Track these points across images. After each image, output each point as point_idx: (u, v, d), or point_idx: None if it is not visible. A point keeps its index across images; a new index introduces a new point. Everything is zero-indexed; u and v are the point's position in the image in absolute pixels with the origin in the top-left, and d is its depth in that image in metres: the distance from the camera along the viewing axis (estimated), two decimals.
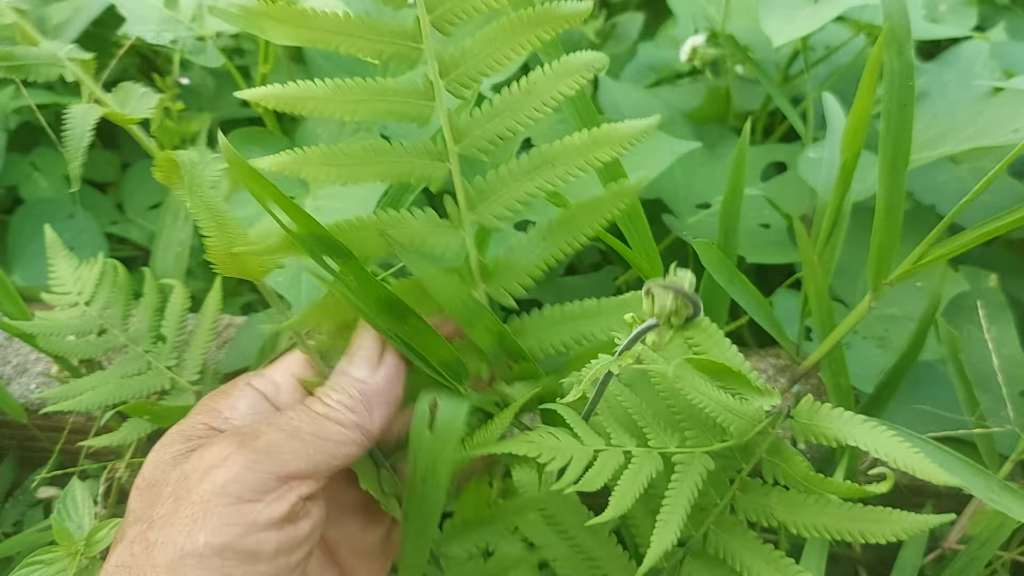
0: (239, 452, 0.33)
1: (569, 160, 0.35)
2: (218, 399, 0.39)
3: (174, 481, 0.33)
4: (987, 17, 0.84)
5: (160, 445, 0.36)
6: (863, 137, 0.47)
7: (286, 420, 0.35)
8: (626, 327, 0.32)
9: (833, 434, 0.33)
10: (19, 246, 0.80)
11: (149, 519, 0.32)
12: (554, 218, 0.37)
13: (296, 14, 0.32)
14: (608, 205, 0.37)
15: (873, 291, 0.46)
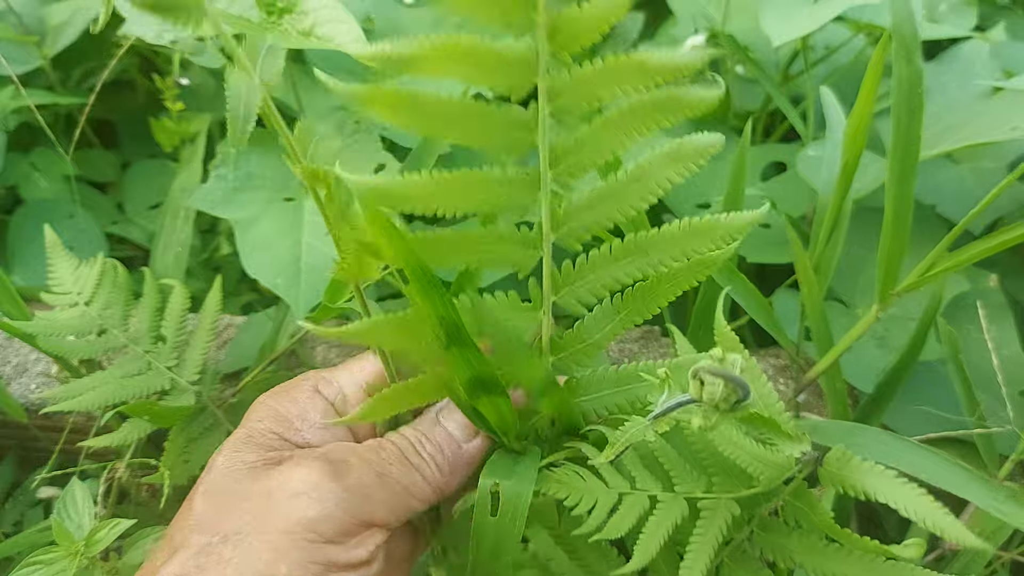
0: (329, 487, 0.32)
1: (664, 250, 0.33)
2: (286, 404, 0.37)
3: (255, 497, 0.32)
4: (987, 17, 0.84)
5: (229, 450, 0.35)
6: (865, 138, 0.47)
7: (377, 459, 0.34)
8: (659, 385, 0.31)
9: (863, 487, 0.32)
10: (19, 246, 0.80)
11: (222, 532, 0.31)
12: (630, 290, 0.35)
13: (408, 98, 0.30)
14: (690, 275, 0.35)
15: (880, 301, 0.45)
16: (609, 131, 0.32)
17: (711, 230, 0.33)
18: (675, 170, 0.33)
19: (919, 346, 0.50)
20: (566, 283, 0.36)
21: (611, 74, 0.30)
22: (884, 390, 0.53)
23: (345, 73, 0.69)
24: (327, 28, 0.56)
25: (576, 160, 0.32)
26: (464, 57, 0.29)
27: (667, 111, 0.31)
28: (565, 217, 0.34)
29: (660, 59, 0.30)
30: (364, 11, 0.73)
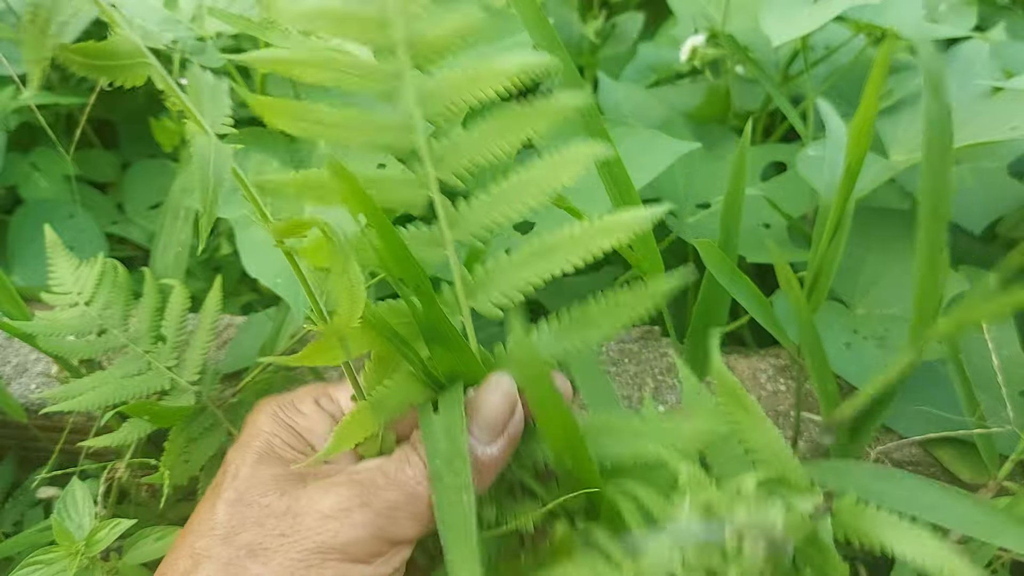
0: (361, 512, 0.32)
1: (571, 250, 0.34)
2: (293, 416, 0.37)
3: (280, 514, 0.32)
4: (987, 17, 0.84)
5: (252, 460, 0.35)
6: (869, 139, 0.47)
7: (405, 478, 0.34)
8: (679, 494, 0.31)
9: (876, 537, 0.32)
10: (19, 246, 0.80)
11: (248, 547, 0.31)
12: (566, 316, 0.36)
13: (296, 108, 0.33)
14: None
15: (912, 343, 0.45)
16: (486, 138, 0.35)
17: (613, 228, 0.34)
18: (566, 174, 0.34)
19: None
20: (479, 287, 0.36)
21: (472, 79, 0.34)
22: (885, 390, 0.53)
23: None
24: None
25: (459, 162, 0.35)
26: (340, 67, 0.33)
27: (537, 119, 0.34)
28: (464, 216, 0.35)
29: (509, 62, 0.33)
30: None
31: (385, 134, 0.34)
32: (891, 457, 0.59)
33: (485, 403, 0.35)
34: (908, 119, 0.70)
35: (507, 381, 0.35)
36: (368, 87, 0.34)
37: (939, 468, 0.59)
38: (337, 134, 0.34)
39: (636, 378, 0.64)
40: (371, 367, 0.36)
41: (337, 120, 0.34)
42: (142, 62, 0.30)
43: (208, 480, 0.58)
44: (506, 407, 0.35)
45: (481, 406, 0.35)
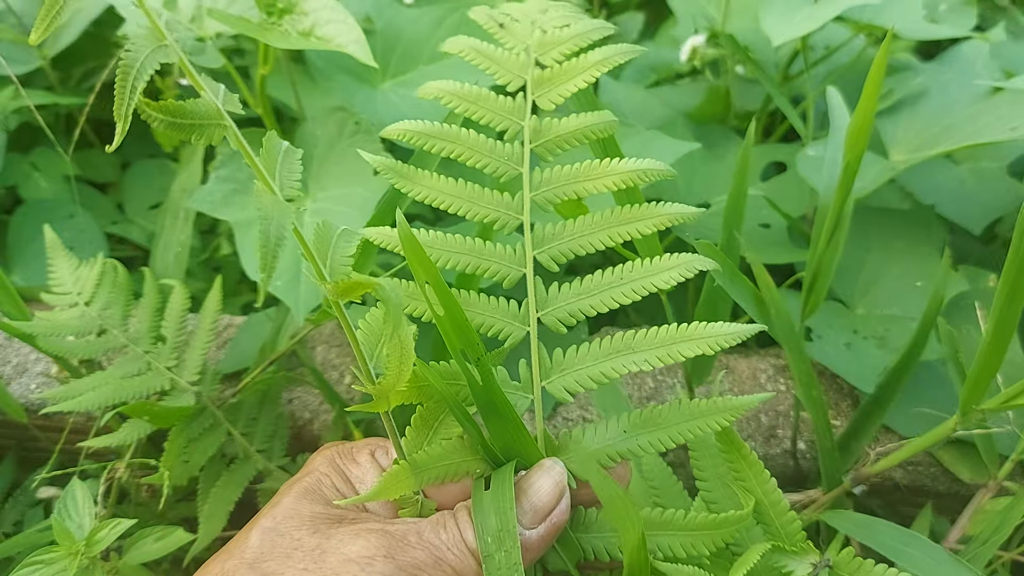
0: (384, 563, 0.32)
1: (653, 351, 0.35)
2: (348, 464, 0.38)
3: (308, 549, 0.33)
4: (987, 17, 0.84)
5: (296, 493, 0.36)
6: (867, 138, 0.47)
7: (437, 542, 0.34)
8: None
9: None
10: (19, 246, 0.80)
11: (272, 575, 0.32)
12: (636, 414, 0.37)
13: (426, 177, 0.38)
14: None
15: (963, 415, 0.45)
16: (589, 229, 0.38)
17: (696, 338, 0.35)
18: (662, 278, 0.36)
19: (920, 346, 0.50)
20: (555, 370, 0.37)
21: (586, 175, 0.38)
22: (885, 390, 0.53)
23: (345, 73, 0.69)
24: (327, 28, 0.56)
25: (558, 247, 0.38)
26: (470, 144, 0.38)
27: (641, 221, 0.37)
28: (552, 300, 0.38)
29: (623, 166, 0.37)
30: (363, 11, 0.73)
31: (498, 210, 0.38)
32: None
33: (533, 486, 0.35)
34: (908, 119, 0.70)
35: (559, 469, 0.36)
36: (492, 165, 0.38)
37: (939, 468, 0.59)
38: (456, 203, 0.38)
39: (636, 378, 0.64)
40: (414, 428, 0.37)
41: (460, 191, 0.38)
42: (219, 124, 0.32)
43: (208, 480, 0.58)
44: (554, 494, 0.35)
45: (528, 489, 0.35)
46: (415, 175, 0.38)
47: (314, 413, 0.64)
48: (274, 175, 0.33)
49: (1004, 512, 0.50)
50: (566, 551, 0.37)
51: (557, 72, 0.38)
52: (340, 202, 0.62)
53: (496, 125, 0.38)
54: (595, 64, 0.38)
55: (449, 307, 0.32)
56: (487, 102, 0.38)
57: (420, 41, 0.71)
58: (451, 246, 0.38)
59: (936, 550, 0.41)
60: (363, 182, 0.62)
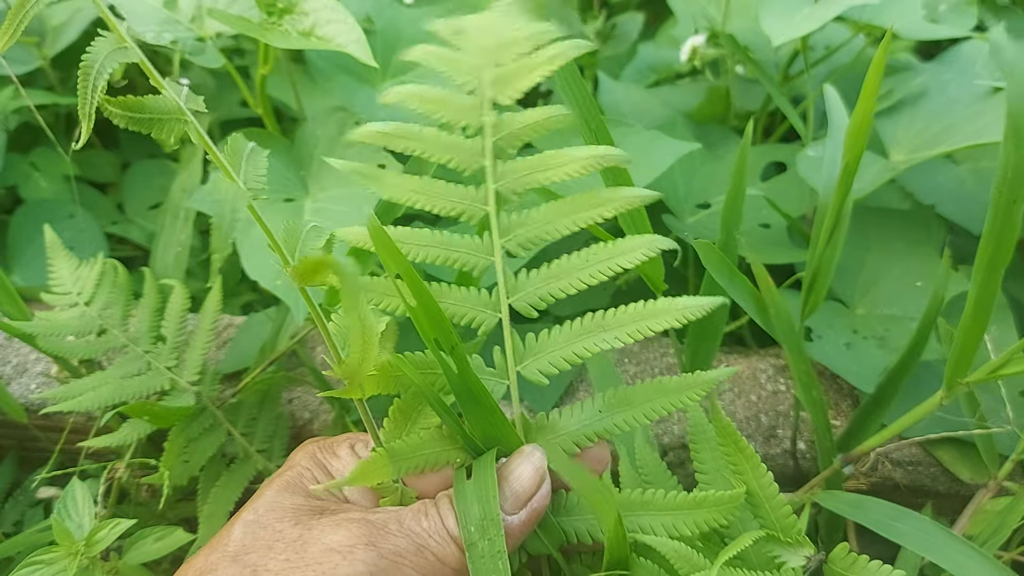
0: (365, 551, 0.32)
1: (622, 327, 0.36)
2: (328, 456, 0.38)
3: (290, 540, 0.33)
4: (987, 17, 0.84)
5: (277, 487, 0.36)
6: (866, 138, 0.47)
7: (418, 530, 0.34)
8: None
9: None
10: (19, 246, 0.80)
11: (253, 566, 0.32)
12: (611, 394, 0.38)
13: (396, 177, 0.39)
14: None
15: (948, 389, 0.45)
16: (555, 217, 0.38)
17: (666, 311, 0.36)
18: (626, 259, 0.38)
19: (920, 346, 0.50)
20: (529, 354, 0.38)
21: (546, 164, 0.38)
22: (885, 390, 0.53)
23: (345, 73, 0.69)
24: (327, 28, 0.56)
25: (525, 234, 0.39)
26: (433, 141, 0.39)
27: (604, 205, 0.38)
28: (522, 285, 0.38)
29: (581, 153, 0.38)
30: (364, 11, 0.73)
31: (463, 203, 0.39)
32: (891, 457, 0.59)
33: (513, 473, 0.35)
34: (908, 119, 0.70)
35: (539, 455, 0.36)
36: (454, 160, 0.39)
37: (939, 468, 0.59)
38: (423, 199, 0.39)
39: (636, 378, 0.64)
40: (392, 419, 0.37)
41: (425, 188, 0.39)
42: (180, 119, 0.33)
43: (208, 480, 0.58)
44: (535, 480, 0.35)
45: (510, 475, 0.35)
46: (380, 176, 0.39)
47: (314, 413, 0.64)
48: (238, 170, 0.34)
49: (1004, 512, 0.50)
50: (548, 536, 0.37)
51: (513, 69, 0.39)
52: (340, 202, 0.62)
53: (459, 123, 0.40)
54: (550, 59, 0.38)
55: (421, 298, 0.33)
56: (448, 100, 0.39)
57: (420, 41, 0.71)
58: (420, 240, 0.39)
59: (923, 522, 0.41)
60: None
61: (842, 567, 0.34)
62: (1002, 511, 0.51)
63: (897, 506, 0.42)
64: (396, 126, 0.39)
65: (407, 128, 0.39)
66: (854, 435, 0.55)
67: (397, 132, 0.39)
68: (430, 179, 0.39)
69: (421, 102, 0.39)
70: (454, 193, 0.39)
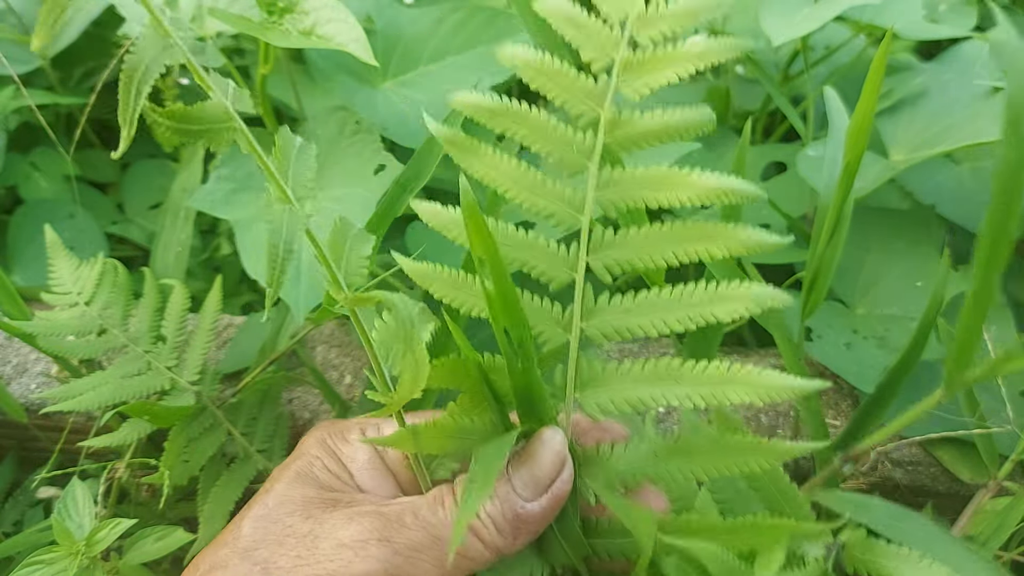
0: (379, 547, 0.31)
1: (697, 388, 0.32)
2: (339, 443, 0.37)
3: (301, 535, 0.32)
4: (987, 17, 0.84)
5: (288, 479, 0.35)
6: (866, 137, 0.47)
7: (434, 520, 0.33)
8: None
9: (888, 572, 0.32)
10: (19, 246, 0.80)
11: (263, 563, 0.31)
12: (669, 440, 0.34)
13: (489, 156, 0.35)
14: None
15: (947, 387, 0.44)
16: (654, 241, 0.33)
17: (746, 382, 0.32)
18: (722, 309, 0.32)
19: (921, 346, 0.50)
20: (590, 383, 0.35)
21: (659, 180, 0.33)
22: (885, 390, 0.53)
23: (346, 73, 0.69)
24: (328, 28, 0.56)
25: (615, 256, 0.34)
26: (538, 126, 0.34)
27: (713, 241, 0.32)
28: (599, 311, 0.35)
29: (707, 180, 0.33)
30: (364, 11, 0.73)
31: (556, 204, 0.35)
32: (891, 457, 0.59)
33: (532, 457, 0.34)
34: (908, 119, 0.70)
35: (559, 438, 0.34)
36: (557, 153, 0.34)
37: (939, 468, 0.59)
38: (515, 189, 0.34)
39: None
40: (460, 405, 0.35)
41: (521, 177, 0.34)
42: (229, 126, 0.30)
43: (208, 480, 0.58)
44: (555, 464, 0.34)
45: (528, 460, 0.34)
46: (477, 149, 0.35)
47: (314, 413, 0.64)
48: (287, 176, 0.32)
49: (1004, 512, 0.50)
50: (572, 548, 0.36)
51: (651, 57, 0.33)
52: (341, 202, 0.62)
53: (570, 108, 0.34)
54: (697, 55, 0.32)
55: (501, 285, 0.30)
56: (565, 80, 0.33)
57: (421, 41, 0.71)
58: (503, 236, 0.35)
59: (925, 523, 0.41)
60: (364, 182, 0.62)
61: (860, 551, 0.33)
62: (1002, 511, 0.51)
63: (899, 506, 0.42)
64: (500, 101, 0.34)
65: (512, 106, 0.34)
66: (854, 435, 0.55)
67: (500, 109, 0.34)
68: (530, 168, 0.35)
69: (535, 73, 0.33)
70: (550, 191, 0.35)
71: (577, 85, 0.33)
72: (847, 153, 0.48)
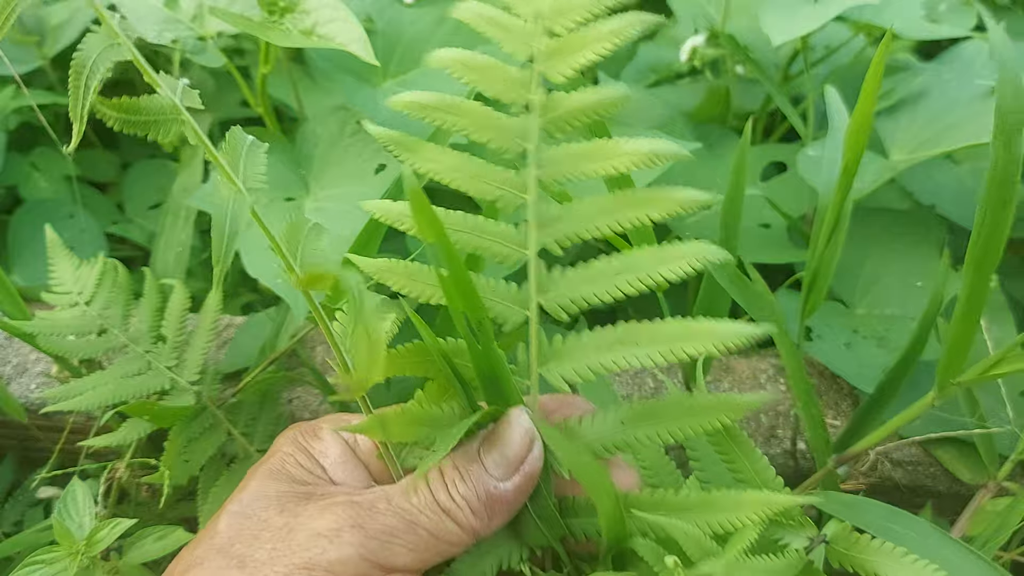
0: (352, 532, 0.32)
1: (656, 346, 0.33)
2: (310, 440, 0.38)
3: (276, 528, 0.33)
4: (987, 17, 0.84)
5: (261, 475, 0.35)
6: (866, 137, 0.47)
7: (407, 504, 0.33)
8: None
9: (872, 568, 0.32)
10: (19, 246, 0.80)
11: (239, 557, 0.32)
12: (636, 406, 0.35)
13: (433, 150, 0.37)
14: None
15: (939, 390, 0.44)
16: (596, 213, 0.35)
17: (703, 335, 0.33)
18: (670, 268, 0.34)
19: (920, 346, 0.50)
20: (553, 356, 0.36)
21: (596, 154, 0.35)
22: (885, 390, 0.53)
23: (345, 72, 0.69)
24: (329, 27, 0.56)
25: (563, 229, 0.36)
26: (477, 117, 0.36)
27: (651, 206, 0.34)
28: (554, 284, 0.36)
29: (638, 146, 0.35)
30: (364, 11, 0.73)
31: (501, 188, 0.36)
32: (891, 457, 0.59)
33: (502, 438, 0.34)
34: (908, 119, 0.70)
35: (526, 417, 0.35)
36: (496, 140, 0.36)
37: (939, 468, 0.59)
38: (460, 179, 0.36)
39: (636, 378, 0.64)
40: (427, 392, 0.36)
41: (463, 166, 0.36)
42: (176, 119, 0.32)
43: (208, 480, 0.58)
44: (524, 443, 0.34)
45: (498, 441, 0.34)
46: (419, 147, 0.37)
47: (314, 413, 0.64)
48: (237, 169, 0.33)
49: (1004, 512, 0.50)
50: (549, 528, 0.36)
51: (568, 42, 0.35)
52: (341, 201, 0.62)
53: (504, 98, 0.36)
54: (610, 33, 0.35)
55: (454, 268, 0.31)
56: (495, 72, 0.36)
57: (421, 41, 0.71)
58: (452, 222, 0.36)
59: (920, 524, 0.41)
60: (364, 181, 0.62)
61: (844, 546, 0.33)
62: (1002, 511, 0.51)
63: (894, 507, 0.42)
64: (437, 96, 0.36)
65: (450, 100, 0.36)
66: (854, 435, 0.55)
67: (437, 103, 0.36)
68: (470, 157, 0.36)
69: (465, 70, 0.36)
70: (494, 176, 0.36)
71: (506, 75, 0.36)
72: (847, 153, 0.48)
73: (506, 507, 0.34)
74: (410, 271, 0.36)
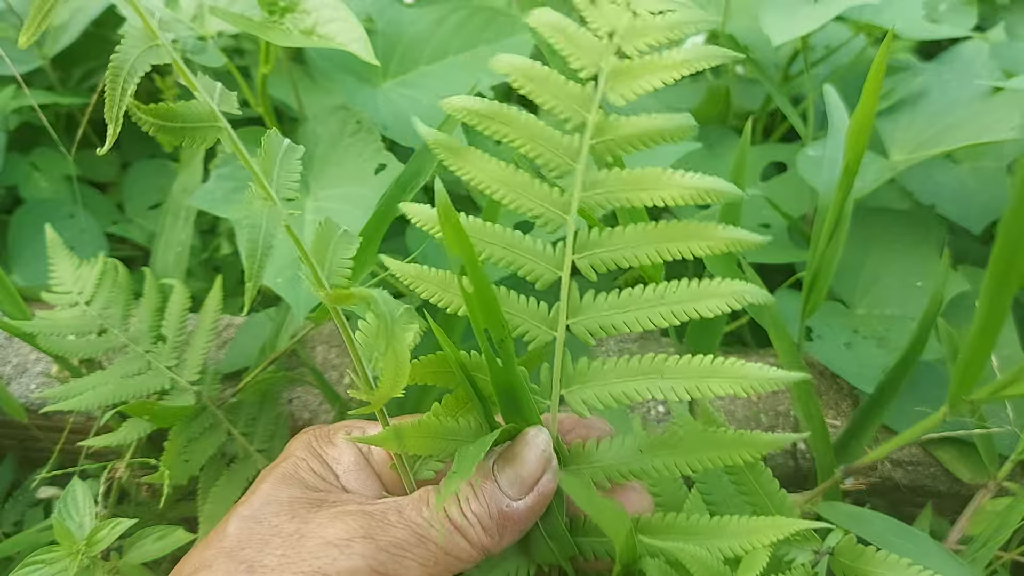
0: (363, 544, 0.32)
1: (681, 381, 0.33)
2: (324, 446, 0.38)
3: (286, 535, 0.32)
4: (987, 17, 0.84)
5: (274, 480, 0.35)
6: (867, 137, 0.47)
7: (418, 518, 0.33)
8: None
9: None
10: (19, 246, 0.80)
11: (249, 562, 0.32)
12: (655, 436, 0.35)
13: (475, 156, 0.36)
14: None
15: (952, 406, 0.44)
16: (636, 240, 0.35)
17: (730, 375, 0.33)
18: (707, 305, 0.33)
19: (920, 346, 0.50)
20: (577, 379, 0.36)
21: (643, 181, 0.34)
22: (885, 390, 0.53)
23: (346, 72, 0.69)
24: (329, 27, 0.56)
25: (599, 254, 0.35)
26: (527, 129, 0.35)
27: (695, 238, 0.33)
28: (585, 308, 0.35)
29: (689, 181, 0.33)
30: (364, 11, 0.73)
31: (544, 205, 0.36)
32: (891, 457, 0.59)
33: (517, 457, 0.34)
34: (908, 119, 0.70)
35: (543, 437, 0.35)
36: (545, 156, 0.35)
37: (939, 468, 0.59)
38: (503, 191, 0.36)
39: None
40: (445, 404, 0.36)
41: (508, 179, 0.36)
42: (214, 126, 0.31)
43: (208, 480, 0.58)
44: (539, 464, 0.34)
45: (513, 459, 0.34)
46: (467, 153, 0.36)
47: (314, 413, 0.64)
48: (271, 177, 0.32)
49: (1004, 512, 0.50)
50: (559, 546, 0.36)
51: (638, 65, 0.34)
52: (341, 201, 0.62)
53: (559, 113, 0.35)
54: (683, 63, 0.33)
55: (479, 285, 0.31)
56: (554, 86, 0.35)
57: (421, 41, 0.72)
58: (486, 234, 0.36)
59: (924, 539, 0.41)
60: (364, 181, 0.62)
61: (849, 558, 0.34)
62: (1002, 511, 0.51)
63: (898, 521, 0.42)
64: (490, 104, 0.35)
65: (505, 111, 0.35)
66: (854, 435, 0.55)
67: (489, 112, 0.35)
68: (516, 169, 0.36)
69: (525, 79, 0.35)
70: (538, 192, 0.36)
71: (565, 91, 0.35)
72: (847, 153, 0.48)
73: (518, 526, 0.34)
74: (443, 280, 0.36)
